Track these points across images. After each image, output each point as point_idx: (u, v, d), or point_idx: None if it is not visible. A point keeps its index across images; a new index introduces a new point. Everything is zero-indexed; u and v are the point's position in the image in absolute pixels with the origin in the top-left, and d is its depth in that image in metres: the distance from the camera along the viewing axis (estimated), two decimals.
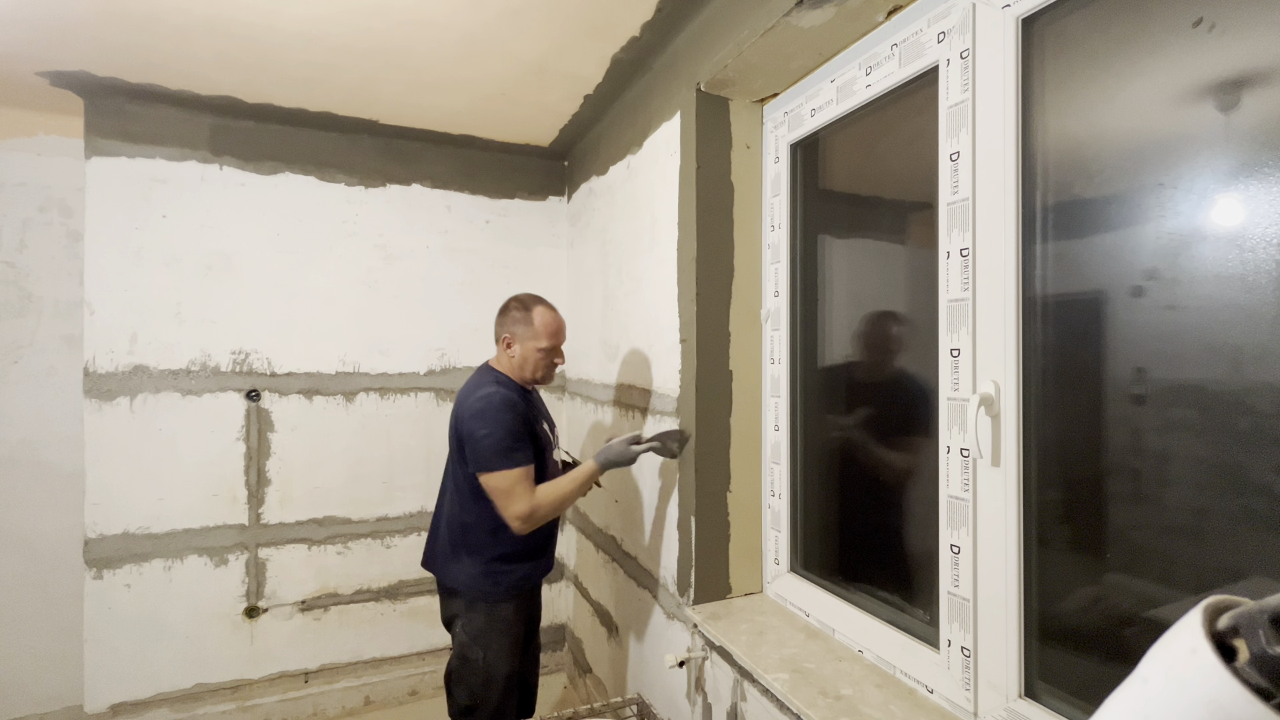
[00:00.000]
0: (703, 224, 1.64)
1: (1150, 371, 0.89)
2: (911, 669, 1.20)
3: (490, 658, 1.68)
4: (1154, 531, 0.91)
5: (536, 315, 1.70)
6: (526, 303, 1.73)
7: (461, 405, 1.68)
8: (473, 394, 1.66)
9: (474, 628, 1.69)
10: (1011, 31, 1.01)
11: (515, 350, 1.71)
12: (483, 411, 1.60)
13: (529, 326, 1.70)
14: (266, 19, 1.68)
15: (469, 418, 1.62)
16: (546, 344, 1.71)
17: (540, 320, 1.70)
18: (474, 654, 1.68)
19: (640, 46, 1.80)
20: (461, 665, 1.70)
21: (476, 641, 1.68)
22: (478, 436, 1.59)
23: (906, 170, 1.32)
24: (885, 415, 1.42)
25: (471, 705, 1.69)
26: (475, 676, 1.68)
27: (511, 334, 1.71)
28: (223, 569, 2.34)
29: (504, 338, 1.73)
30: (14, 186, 2.33)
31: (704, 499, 1.65)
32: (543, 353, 1.71)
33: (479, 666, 1.68)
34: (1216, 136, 0.81)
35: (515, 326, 1.71)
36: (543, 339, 1.70)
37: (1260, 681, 0.31)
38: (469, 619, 1.69)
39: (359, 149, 2.52)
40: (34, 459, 2.36)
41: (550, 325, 1.71)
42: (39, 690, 2.37)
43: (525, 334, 1.70)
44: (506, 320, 1.73)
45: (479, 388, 1.67)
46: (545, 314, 1.72)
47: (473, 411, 1.61)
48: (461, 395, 1.72)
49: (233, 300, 2.35)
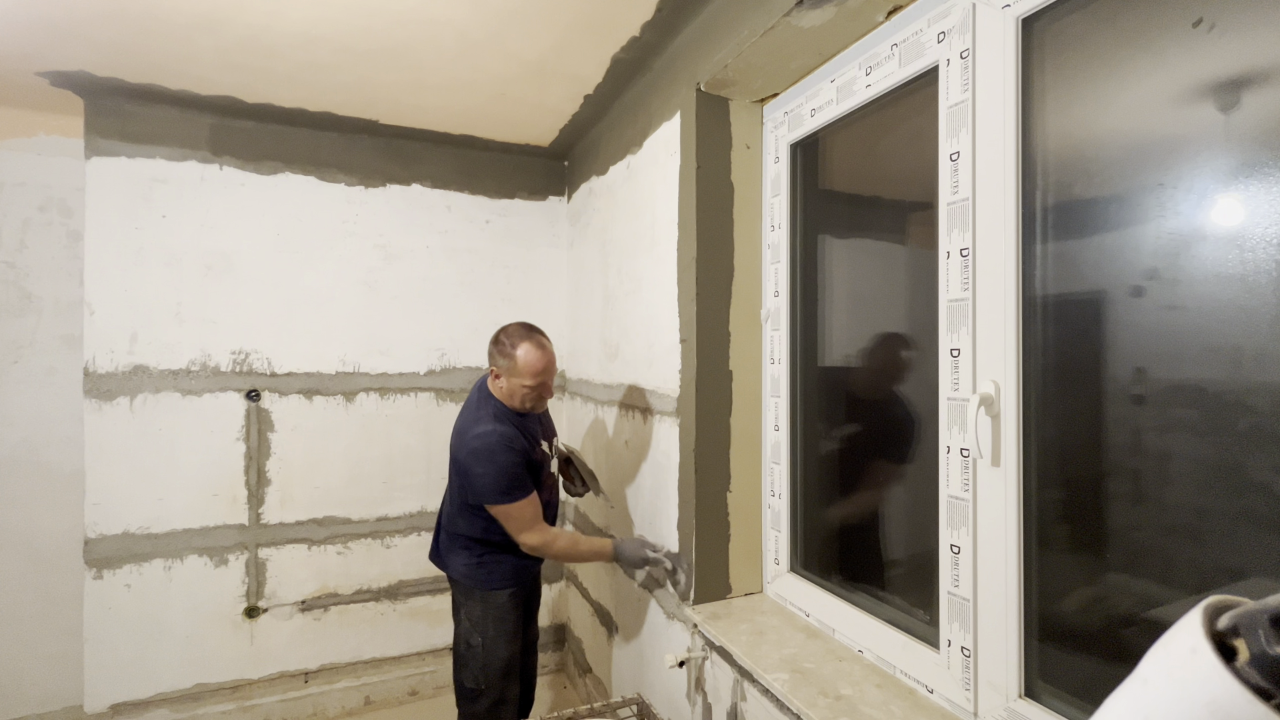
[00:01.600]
0: (703, 224, 1.64)
1: (1150, 371, 0.89)
2: (911, 669, 1.20)
3: (488, 644, 1.79)
4: (1154, 531, 0.91)
5: (520, 355, 1.69)
6: (514, 339, 1.71)
7: (459, 436, 1.74)
8: (471, 428, 1.70)
9: (473, 616, 1.81)
10: (1011, 31, 1.01)
11: (503, 383, 1.73)
12: (479, 451, 1.66)
13: (512, 363, 1.70)
14: (266, 19, 1.67)
15: (467, 455, 1.68)
16: (531, 382, 1.71)
17: (524, 361, 1.69)
18: (474, 640, 1.80)
19: (640, 46, 1.80)
20: (465, 650, 1.82)
21: (476, 629, 1.80)
22: (474, 474, 1.67)
23: (906, 170, 1.32)
24: (885, 415, 1.42)
25: (476, 689, 1.80)
26: (476, 661, 1.80)
27: (499, 368, 1.73)
28: (223, 569, 2.34)
29: (493, 370, 1.75)
30: (14, 186, 2.33)
31: (704, 499, 1.65)
32: (528, 389, 1.72)
33: (479, 652, 1.80)
34: (1216, 136, 0.81)
35: (501, 361, 1.72)
36: (527, 377, 1.70)
37: (1260, 681, 0.31)
38: (469, 608, 1.81)
39: (359, 149, 2.52)
40: (34, 459, 2.36)
41: (533, 366, 1.69)
42: (39, 690, 2.37)
43: (510, 370, 1.71)
44: (495, 353, 1.74)
45: (478, 423, 1.70)
46: (529, 353, 1.69)
47: (470, 450, 1.68)
48: (462, 422, 1.76)
49: (233, 300, 2.35)
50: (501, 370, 1.72)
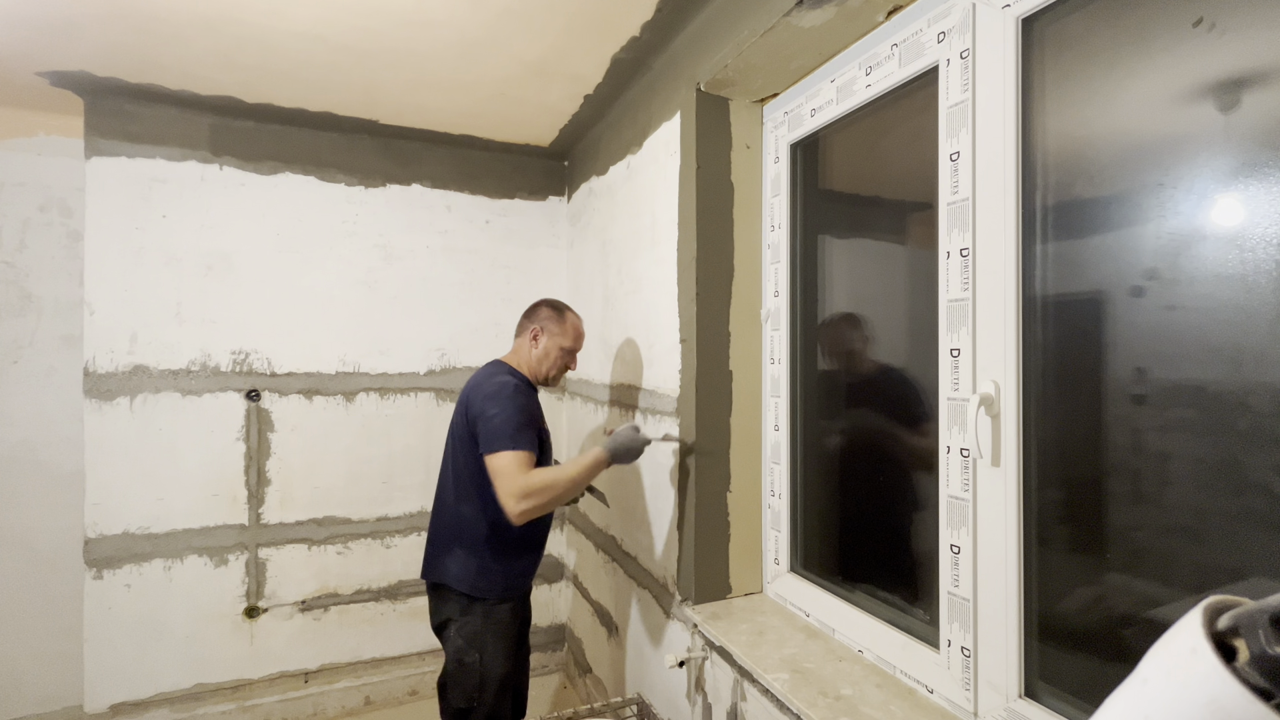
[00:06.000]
0: (703, 224, 1.64)
1: (1150, 371, 0.89)
2: (911, 669, 1.20)
3: (486, 660, 1.66)
4: (1154, 531, 0.91)
5: (568, 317, 1.84)
6: (559, 305, 1.86)
7: (474, 389, 1.73)
8: (486, 380, 1.72)
9: (469, 630, 1.67)
10: (1011, 31, 1.01)
11: (541, 342, 1.80)
12: (497, 394, 1.66)
13: (560, 324, 1.82)
14: (266, 19, 1.68)
15: (482, 398, 1.67)
16: (570, 344, 1.82)
17: (570, 321, 1.84)
18: (470, 657, 1.66)
19: (640, 46, 1.80)
20: (457, 669, 1.68)
21: (472, 644, 1.67)
22: (489, 414, 1.63)
23: (906, 170, 1.32)
24: (885, 416, 1.42)
25: (466, 709, 1.67)
26: (471, 679, 1.66)
27: (541, 327, 1.81)
28: (223, 569, 2.34)
29: (532, 329, 1.82)
30: (14, 186, 2.33)
31: (704, 499, 1.65)
32: (564, 352, 1.82)
33: (474, 669, 1.66)
34: (1216, 136, 0.81)
35: (547, 322, 1.82)
36: (568, 339, 1.82)
37: (1260, 681, 0.31)
38: (464, 622, 1.68)
39: (359, 149, 2.52)
40: (34, 459, 2.36)
41: (577, 328, 1.86)
42: (39, 690, 2.37)
43: (555, 330, 1.81)
44: (537, 315, 1.83)
45: (493, 376, 1.74)
46: (575, 318, 1.86)
47: (487, 393, 1.67)
48: (473, 383, 1.77)
49: (233, 300, 2.35)
50: (544, 330, 1.81)
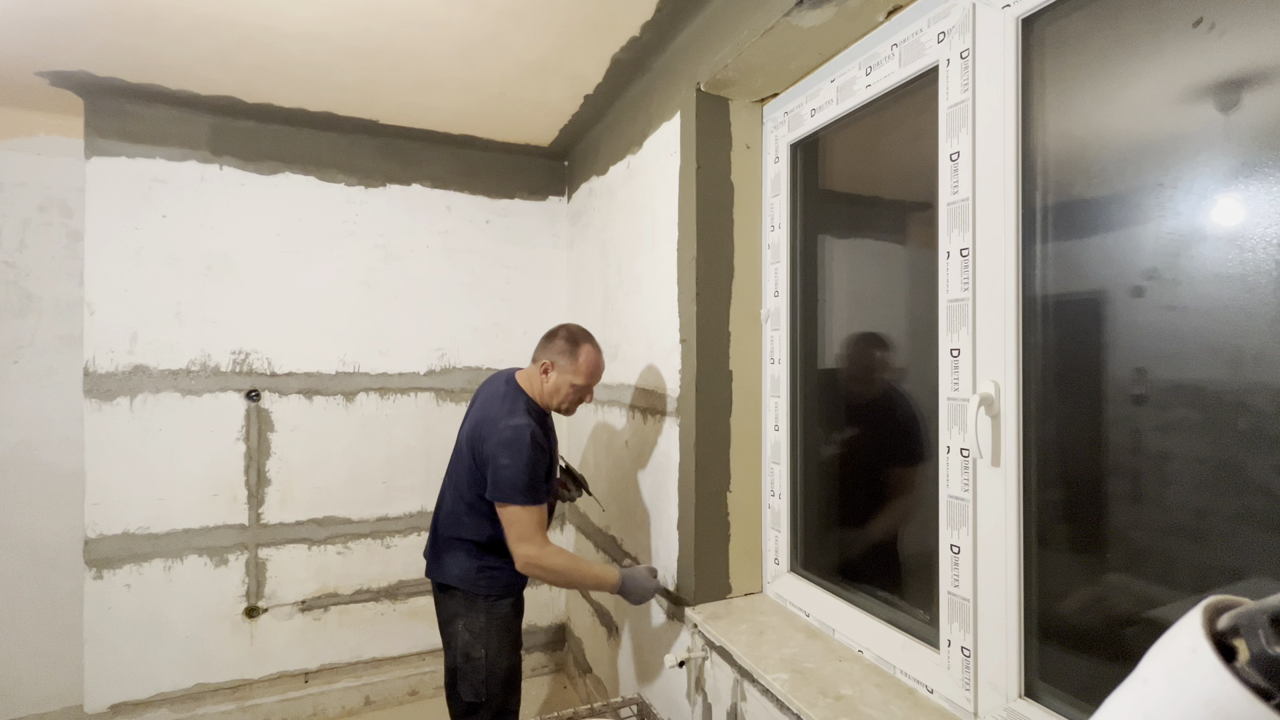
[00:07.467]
0: (703, 224, 1.64)
1: (1150, 371, 0.89)
2: (911, 669, 1.20)
3: (492, 654, 1.72)
4: (1154, 531, 0.91)
5: (582, 353, 1.72)
6: (576, 337, 1.73)
7: (490, 424, 1.66)
8: (504, 419, 1.65)
9: (475, 626, 1.72)
10: (1011, 31, 1.01)
11: (551, 378, 1.72)
12: (512, 443, 1.60)
13: (572, 361, 1.71)
14: (267, 19, 1.67)
15: (497, 444, 1.61)
16: (582, 382, 1.72)
17: (584, 358, 1.71)
18: (476, 652, 1.71)
19: (640, 46, 1.80)
20: (465, 664, 1.72)
21: (478, 640, 1.71)
22: (501, 463, 1.60)
23: (906, 170, 1.32)
24: (885, 416, 1.42)
25: (475, 703, 1.72)
26: (478, 674, 1.71)
27: (552, 362, 1.72)
28: (223, 569, 2.34)
29: (544, 363, 1.73)
30: (14, 186, 2.33)
31: (704, 499, 1.65)
32: (575, 389, 1.73)
33: (481, 664, 1.71)
34: (1216, 136, 0.81)
35: (559, 357, 1.72)
36: (580, 377, 1.71)
37: (1260, 681, 0.31)
38: (470, 619, 1.72)
39: (359, 149, 2.52)
40: (34, 459, 2.36)
41: (591, 366, 1.73)
42: (39, 690, 2.37)
43: (566, 366, 1.71)
44: (551, 348, 1.74)
45: (512, 414, 1.66)
46: (591, 354, 1.73)
47: (502, 440, 1.61)
48: (491, 410, 1.70)
49: (233, 300, 2.35)
50: (555, 365, 1.71)
